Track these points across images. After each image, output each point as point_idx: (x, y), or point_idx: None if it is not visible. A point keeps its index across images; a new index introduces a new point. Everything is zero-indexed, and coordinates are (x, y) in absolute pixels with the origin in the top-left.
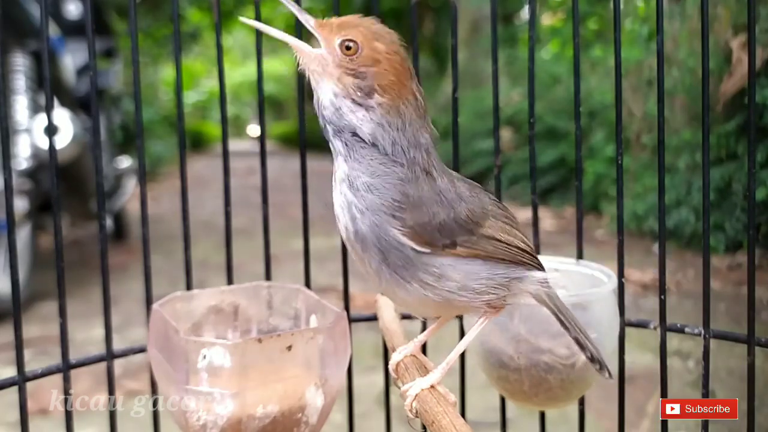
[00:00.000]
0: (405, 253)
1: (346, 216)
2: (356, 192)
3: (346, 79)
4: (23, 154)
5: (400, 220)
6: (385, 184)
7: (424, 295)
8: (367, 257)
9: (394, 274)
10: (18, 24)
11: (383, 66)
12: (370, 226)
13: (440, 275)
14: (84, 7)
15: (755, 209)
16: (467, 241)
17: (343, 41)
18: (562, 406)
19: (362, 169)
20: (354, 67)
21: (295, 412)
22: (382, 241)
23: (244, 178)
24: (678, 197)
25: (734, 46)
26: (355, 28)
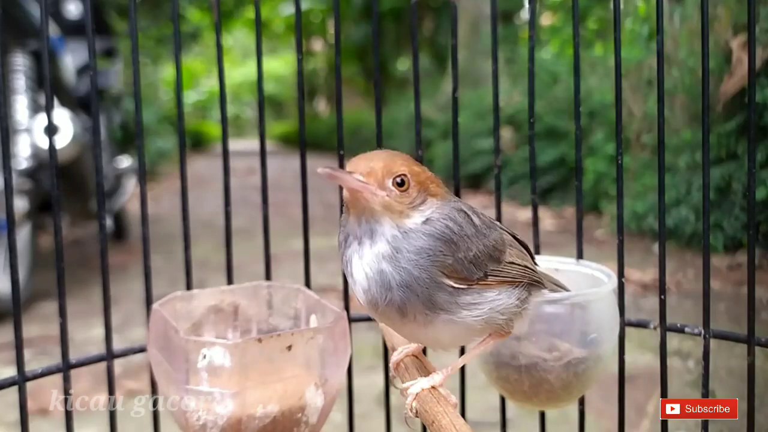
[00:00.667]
0: (446, 295)
1: (378, 288)
2: (395, 265)
3: (407, 209)
4: (23, 154)
5: (442, 263)
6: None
7: (469, 316)
8: (411, 314)
9: (440, 313)
10: (18, 24)
11: (426, 184)
12: (409, 288)
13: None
14: (84, 7)
15: (755, 209)
16: (495, 270)
17: (395, 178)
18: (562, 406)
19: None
20: (411, 198)
21: (295, 412)
22: (425, 292)
23: (244, 178)
24: (678, 196)
25: (734, 46)
26: (397, 165)
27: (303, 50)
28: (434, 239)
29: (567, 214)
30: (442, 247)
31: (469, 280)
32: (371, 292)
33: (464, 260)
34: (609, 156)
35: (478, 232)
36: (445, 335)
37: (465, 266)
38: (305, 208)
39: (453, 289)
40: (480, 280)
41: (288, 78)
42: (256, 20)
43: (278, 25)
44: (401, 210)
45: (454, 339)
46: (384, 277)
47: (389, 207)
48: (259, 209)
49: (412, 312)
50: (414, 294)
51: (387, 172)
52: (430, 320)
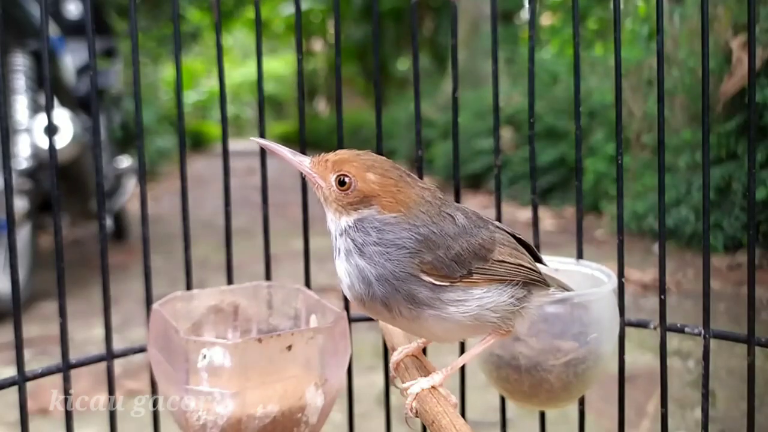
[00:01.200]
0: (428, 289)
1: (358, 280)
2: (368, 259)
3: (347, 209)
4: (23, 154)
5: (418, 261)
6: (399, 236)
7: (457, 312)
8: (395, 308)
9: (430, 308)
10: (18, 24)
11: (379, 193)
12: (387, 281)
13: (465, 296)
14: (84, 7)
15: (755, 209)
16: (481, 268)
17: (337, 176)
18: (562, 406)
19: (371, 238)
20: (352, 200)
21: (295, 412)
22: (401, 289)
23: (244, 178)
24: (678, 196)
25: (734, 46)
26: (347, 163)
27: (303, 50)
28: (410, 234)
29: (567, 214)
30: (416, 244)
31: (452, 277)
32: (354, 288)
33: (445, 258)
34: (609, 156)
35: (462, 232)
36: (436, 329)
37: (446, 264)
38: (305, 208)
39: (434, 286)
40: (464, 278)
41: (288, 78)
42: (256, 20)
43: (278, 25)
44: (336, 208)
45: (446, 333)
46: (362, 272)
47: (326, 199)
48: (259, 209)
49: (396, 306)
50: (393, 288)
51: (334, 167)
52: (416, 315)
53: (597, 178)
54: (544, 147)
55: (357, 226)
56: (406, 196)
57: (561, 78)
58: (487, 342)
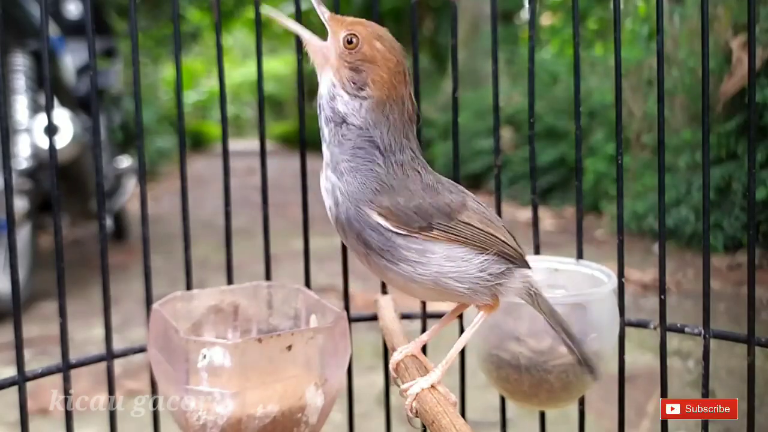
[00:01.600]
0: (384, 235)
1: (330, 199)
2: (340, 176)
3: (343, 70)
4: (23, 154)
5: (377, 201)
6: (364, 170)
7: (415, 273)
8: (352, 239)
9: (379, 256)
10: (18, 24)
11: (378, 64)
12: (350, 207)
13: (423, 251)
14: (84, 7)
15: (755, 209)
16: (444, 225)
17: (347, 35)
18: (562, 406)
19: (346, 154)
20: (352, 60)
21: (295, 412)
22: (361, 222)
23: (244, 178)
24: (678, 196)
25: (734, 46)
26: (361, 25)
27: (303, 50)
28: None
29: (567, 214)
30: (376, 182)
31: (409, 226)
32: (331, 209)
33: (405, 207)
34: (609, 156)
35: (426, 187)
36: (400, 285)
37: (403, 211)
38: (305, 208)
39: (387, 232)
40: (423, 230)
41: (288, 78)
42: (256, 20)
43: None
44: (335, 64)
45: (413, 293)
46: (333, 187)
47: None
48: (259, 209)
49: (360, 246)
50: (352, 221)
51: (349, 25)
52: (376, 263)
53: (597, 178)
54: (544, 147)
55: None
56: (397, 86)
57: (561, 78)
58: (477, 322)
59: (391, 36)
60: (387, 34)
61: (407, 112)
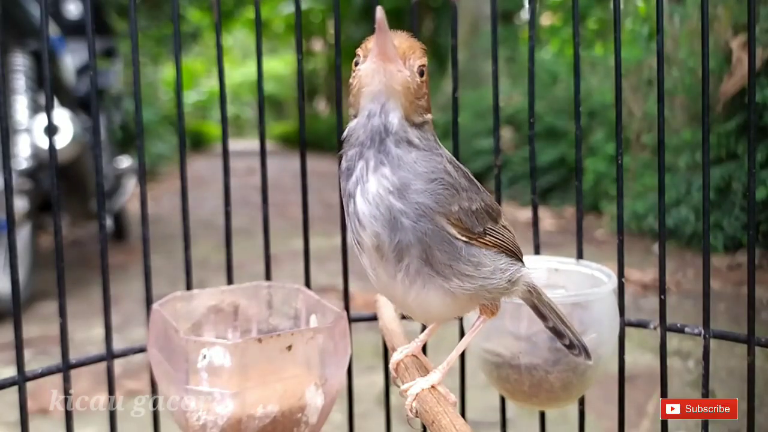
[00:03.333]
0: (451, 245)
1: (385, 225)
2: (403, 201)
3: (419, 102)
4: (23, 154)
5: (449, 211)
6: (438, 186)
7: (463, 288)
8: (406, 265)
9: (433, 275)
10: (18, 24)
11: (425, 89)
12: (416, 232)
13: (478, 263)
14: (84, 7)
15: (755, 209)
16: (492, 229)
17: (420, 66)
18: (562, 406)
19: (417, 174)
20: (424, 92)
21: (295, 412)
22: (429, 240)
23: (244, 178)
24: (678, 196)
25: (734, 46)
26: (420, 51)
27: (303, 50)
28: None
29: (567, 214)
30: (448, 189)
31: (471, 232)
32: (377, 232)
33: (469, 210)
34: (609, 156)
35: (473, 186)
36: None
37: (468, 215)
38: (305, 208)
39: (456, 241)
40: (479, 237)
41: (288, 78)
42: (256, 20)
43: (278, 25)
44: (412, 100)
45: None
46: (390, 214)
47: (406, 91)
48: (259, 209)
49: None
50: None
51: (413, 53)
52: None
53: (597, 178)
54: (544, 147)
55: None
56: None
57: (561, 78)
58: (478, 327)
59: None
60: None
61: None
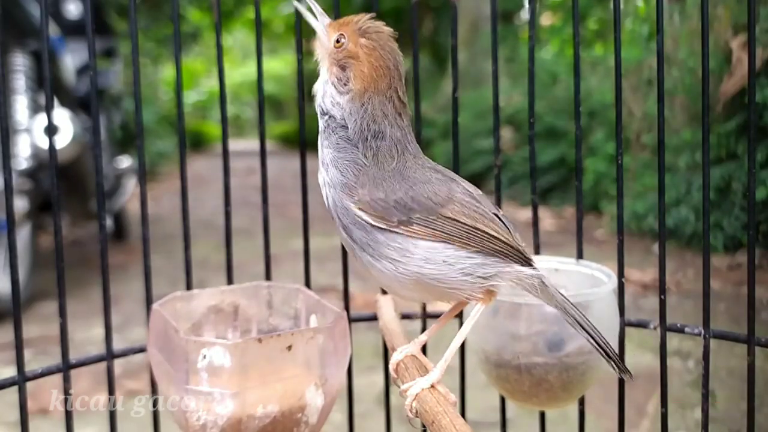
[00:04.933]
0: (365, 229)
1: (324, 191)
2: (327, 168)
3: (333, 68)
4: (23, 154)
5: (355, 194)
6: (345, 162)
7: (395, 271)
8: (342, 233)
9: (362, 250)
10: (18, 24)
11: (361, 59)
12: (336, 201)
13: (403, 250)
14: (84, 7)
15: (755, 209)
16: (425, 220)
17: (337, 35)
18: (562, 406)
19: (331, 147)
20: (339, 58)
21: (295, 412)
22: (344, 215)
23: (244, 178)
24: (678, 196)
25: (734, 46)
26: (348, 25)
27: (303, 50)
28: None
29: (567, 214)
30: (355, 172)
31: (388, 220)
32: (326, 203)
33: (384, 199)
34: (609, 156)
35: (400, 178)
36: (383, 281)
37: (381, 204)
38: (305, 208)
39: (368, 225)
40: (402, 224)
41: (288, 78)
42: (256, 20)
43: (278, 25)
44: (328, 61)
45: (397, 291)
46: (324, 185)
47: (324, 54)
48: (259, 209)
49: (341, 232)
50: (339, 215)
51: (339, 27)
52: (358, 256)
53: (597, 178)
54: (544, 147)
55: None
56: (378, 80)
57: (561, 78)
58: (474, 316)
59: (383, 31)
60: (378, 29)
61: (393, 103)
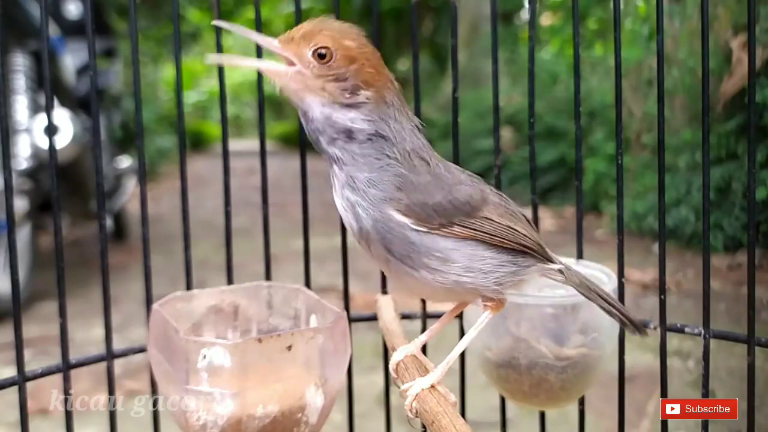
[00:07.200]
0: (406, 236)
1: (350, 215)
2: (358, 191)
3: (329, 86)
4: (23, 154)
5: (398, 201)
6: (383, 174)
7: (434, 280)
8: (375, 251)
9: (401, 263)
10: (18, 24)
11: (360, 61)
12: (373, 218)
13: (444, 259)
14: (84, 7)
15: (755, 209)
16: (464, 221)
17: (314, 50)
18: (562, 406)
19: (360, 167)
20: (333, 73)
21: (295, 412)
22: (384, 228)
23: (244, 178)
24: (678, 196)
25: (734, 46)
26: (320, 34)
27: None
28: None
29: (567, 214)
30: (394, 180)
31: (430, 223)
32: (353, 226)
33: (424, 204)
34: (609, 156)
35: (437, 181)
36: (417, 288)
37: (423, 209)
38: (305, 208)
39: (409, 230)
40: (443, 227)
41: None
42: (256, 20)
43: (278, 25)
44: (322, 87)
45: (431, 295)
46: (351, 206)
47: (308, 84)
48: (259, 209)
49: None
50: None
51: (307, 40)
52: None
53: (597, 178)
54: (544, 147)
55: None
56: (383, 71)
57: (561, 78)
58: (480, 325)
59: (347, 25)
60: (345, 26)
61: (399, 92)
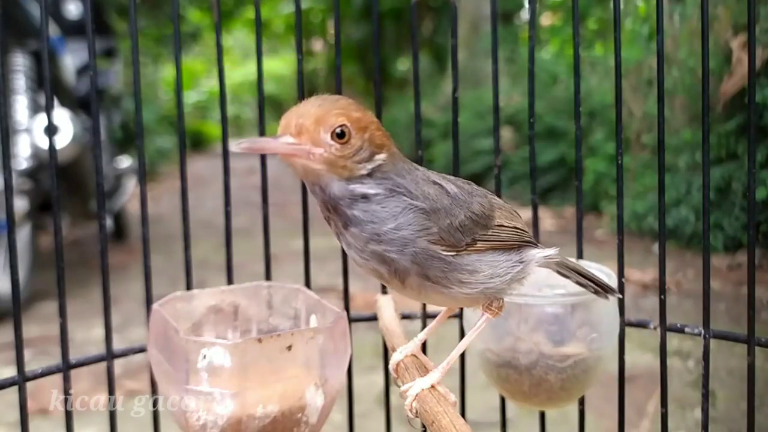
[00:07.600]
0: (443, 260)
1: (375, 263)
2: (386, 242)
3: (349, 163)
4: (23, 154)
5: (429, 231)
6: (408, 217)
7: (461, 292)
8: (410, 282)
9: (435, 285)
10: (18, 24)
11: (370, 129)
12: (411, 254)
13: (472, 270)
14: (84, 7)
15: (755, 209)
16: (484, 234)
17: (333, 132)
18: (562, 406)
19: (383, 222)
20: (354, 149)
21: (295, 412)
22: (422, 260)
23: (244, 178)
24: (678, 196)
25: (734, 46)
26: (333, 115)
27: (303, 50)
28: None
29: (567, 214)
30: (421, 215)
31: (458, 246)
32: (386, 274)
33: (450, 226)
34: (609, 156)
35: (456, 201)
36: (440, 301)
37: (450, 233)
38: (305, 208)
39: (444, 257)
40: (469, 246)
41: (288, 78)
42: (256, 20)
43: (278, 25)
44: (344, 165)
45: (459, 301)
46: (379, 255)
47: (332, 164)
48: (259, 209)
49: (411, 280)
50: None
51: (321, 124)
52: (438, 290)
53: (597, 178)
54: (544, 147)
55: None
56: (380, 128)
57: (561, 78)
58: (480, 326)
59: (342, 97)
60: (341, 99)
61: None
